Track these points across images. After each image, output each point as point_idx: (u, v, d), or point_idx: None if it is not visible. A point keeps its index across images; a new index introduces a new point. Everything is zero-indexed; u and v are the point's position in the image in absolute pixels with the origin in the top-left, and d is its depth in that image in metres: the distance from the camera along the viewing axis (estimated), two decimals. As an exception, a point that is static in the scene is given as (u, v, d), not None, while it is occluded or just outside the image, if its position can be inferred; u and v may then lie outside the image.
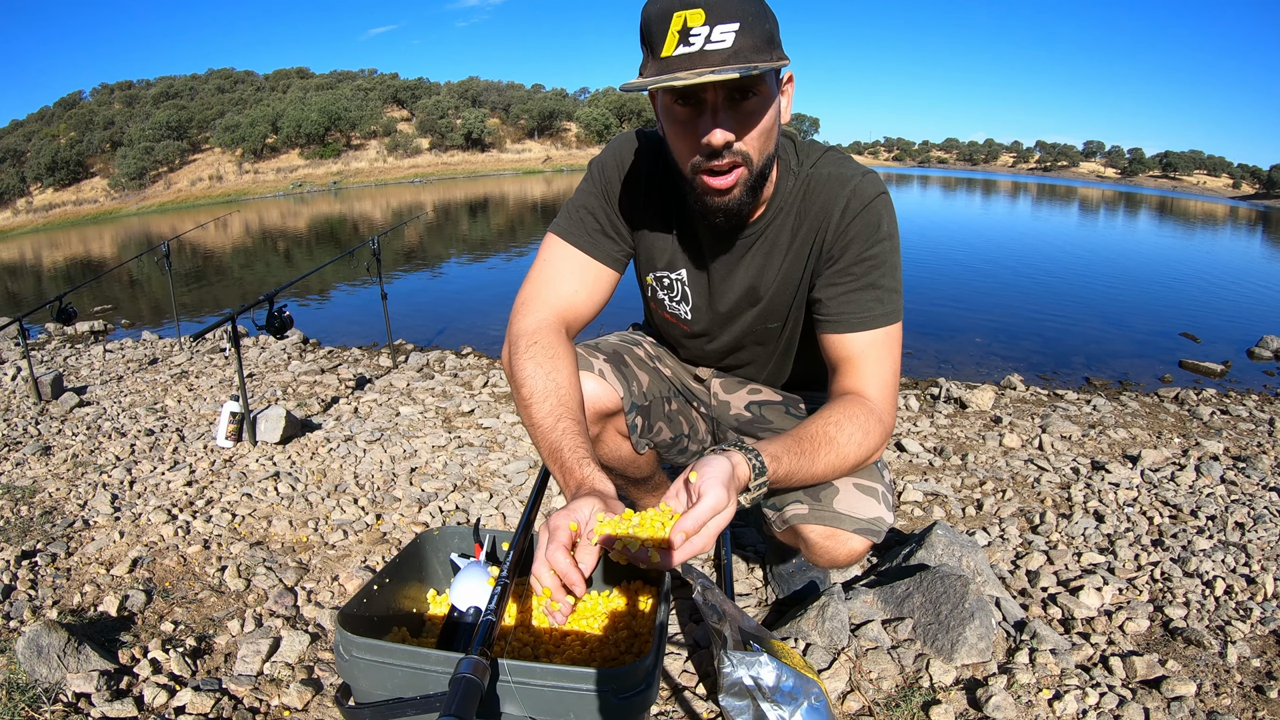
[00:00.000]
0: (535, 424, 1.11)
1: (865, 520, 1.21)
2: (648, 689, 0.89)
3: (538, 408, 1.11)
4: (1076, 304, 7.67)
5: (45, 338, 5.97)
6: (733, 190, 1.07)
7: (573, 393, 1.14)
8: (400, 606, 1.19)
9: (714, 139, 1.01)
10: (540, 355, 1.15)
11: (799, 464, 1.01)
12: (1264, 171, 66.85)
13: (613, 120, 62.29)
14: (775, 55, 0.98)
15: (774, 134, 1.08)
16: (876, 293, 1.14)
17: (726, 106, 1.01)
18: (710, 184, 1.07)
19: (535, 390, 1.12)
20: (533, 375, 1.13)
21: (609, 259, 1.29)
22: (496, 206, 25.12)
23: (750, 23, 0.94)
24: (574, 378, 1.16)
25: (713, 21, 0.93)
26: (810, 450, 1.03)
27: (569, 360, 1.17)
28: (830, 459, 1.05)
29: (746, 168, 1.06)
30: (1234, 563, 1.87)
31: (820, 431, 1.05)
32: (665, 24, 0.94)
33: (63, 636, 1.39)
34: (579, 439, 1.07)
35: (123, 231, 25.75)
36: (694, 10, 0.93)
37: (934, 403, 3.60)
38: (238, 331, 2.83)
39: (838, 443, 1.05)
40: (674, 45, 0.94)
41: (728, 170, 1.05)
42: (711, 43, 0.93)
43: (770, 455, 0.97)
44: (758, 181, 1.09)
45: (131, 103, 60.16)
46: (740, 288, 1.29)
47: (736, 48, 0.94)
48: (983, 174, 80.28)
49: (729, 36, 0.93)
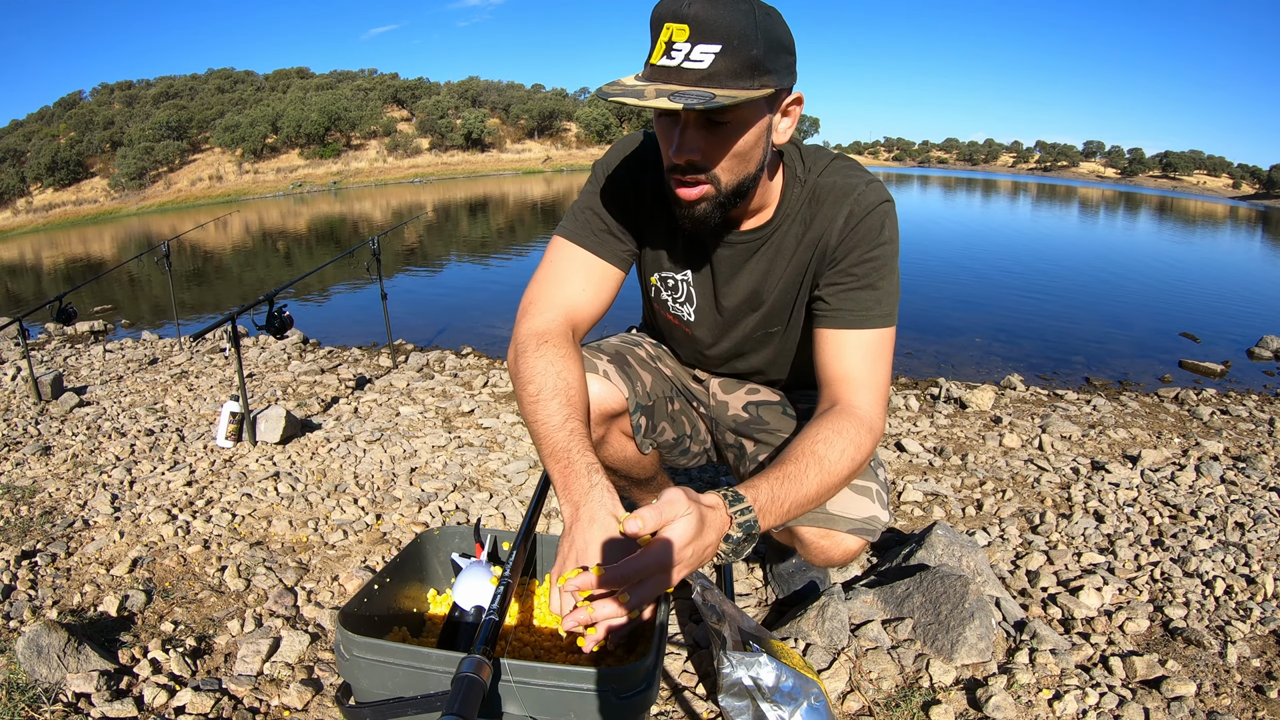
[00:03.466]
0: (540, 421, 1.08)
1: (859, 520, 1.21)
2: (648, 689, 0.89)
3: (545, 405, 1.08)
4: (1076, 304, 7.67)
5: (45, 338, 5.97)
6: (699, 204, 1.08)
7: (581, 394, 1.12)
8: (400, 606, 1.19)
9: (676, 158, 1.03)
10: (550, 354, 1.14)
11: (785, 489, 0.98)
12: (1264, 171, 66.88)
13: (612, 120, 62.26)
14: (759, 82, 0.97)
15: (753, 156, 1.07)
16: (875, 293, 1.15)
17: (698, 126, 1.01)
18: (678, 193, 1.08)
19: (544, 387, 1.10)
20: (542, 372, 1.12)
21: (614, 258, 1.29)
22: (496, 206, 25.12)
23: (735, 46, 0.93)
24: (583, 380, 1.15)
25: (695, 40, 0.93)
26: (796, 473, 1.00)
27: (577, 362, 1.17)
28: (820, 478, 1.02)
29: (713, 186, 1.06)
30: (1234, 563, 1.87)
31: (806, 452, 1.02)
32: (658, 31, 0.95)
33: (63, 636, 1.39)
34: (587, 443, 1.05)
35: (123, 231, 25.76)
36: (680, 25, 0.93)
37: (934, 403, 3.60)
38: (238, 331, 2.83)
39: (827, 460, 1.03)
40: (659, 55, 0.96)
41: (693, 185, 1.06)
42: (690, 61, 0.93)
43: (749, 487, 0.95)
44: (729, 200, 1.09)
45: (131, 103, 60.18)
46: (744, 291, 1.29)
47: (712, 70, 0.93)
48: (983, 174, 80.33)
49: (707, 58, 0.93)
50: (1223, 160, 78.97)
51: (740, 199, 1.11)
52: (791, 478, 0.99)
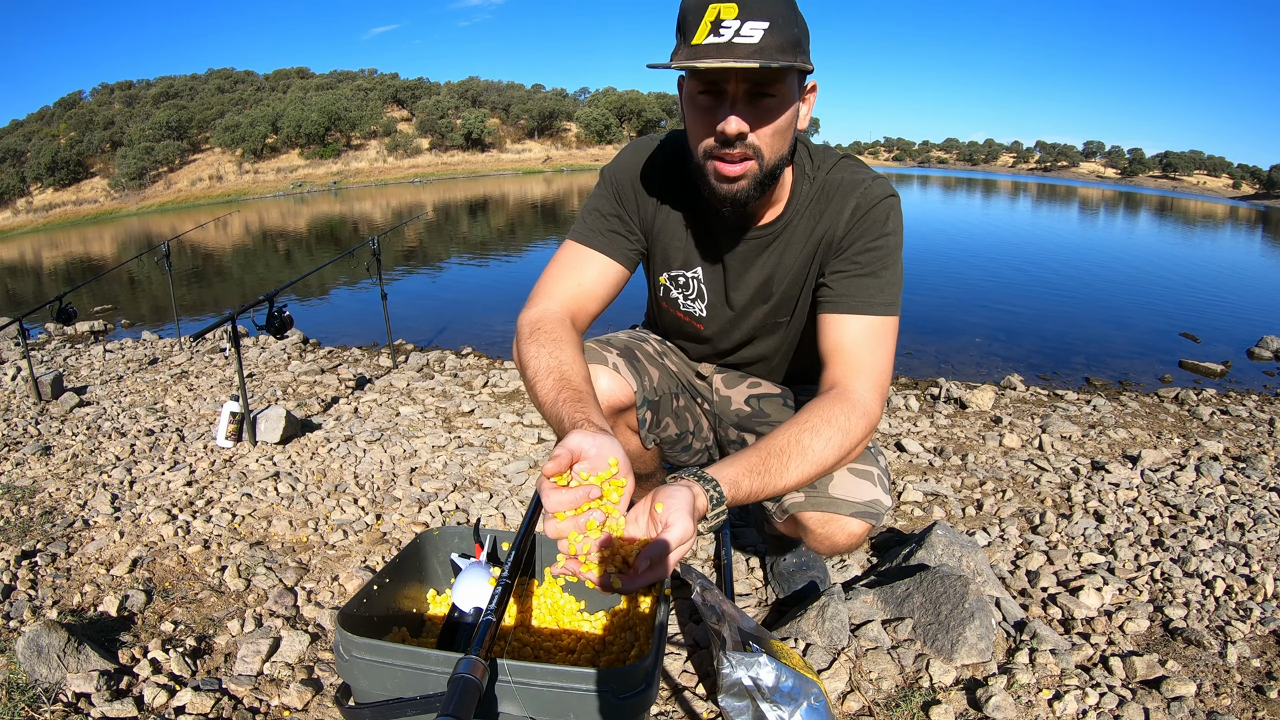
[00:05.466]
0: (540, 401, 1.13)
1: (861, 503, 1.23)
2: (647, 689, 0.89)
3: (541, 384, 1.13)
4: (1076, 304, 7.67)
5: (45, 338, 5.97)
6: (740, 180, 1.10)
7: (575, 369, 1.15)
8: (400, 606, 1.19)
9: (729, 127, 1.05)
10: (543, 339, 1.18)
11: (763, 482, 1.02)
12: (1264, 171, 66.86)
13: (613, 120, 62.30)
14: (800, 58, 1.02)
15: (789, 135, 1.11)
16: (878, 281, 1.18)
17: (746, 100, 1.04)
18: (721, 169, 1.10)
19: (539, 369, 1.14)
20: (536, 356, 1.16)
21: (619, 255, 1.32)
22: (496, 206, 25.12)
23: (780, 24, 0.99)
24: (578, 357, 1.18)
25: (744, 17, 0.97)
26: (778, 466, 1.03)
27: (572, 343, 1.20)
28: (804, 468, 1.05)
29: (757, 162, 1.09)
30: (1234, 563, 1.87)
31: (792, 440, 1.05)
32: (700, 14, 0.99)
33: (63, 636, 1.39)
34: (575, 406, 1.06)
35: (123, 231, 25.75)
36: (729, 4, 0.98)
37: (934, 403, 3.60)
38: (238, 331, 2.83)
39: (812, 450, 1.05)
40: (705, 34, 0.99)
41: (738, 160, 1.09)
42: (741, 36, 0.98)
43: (729, 482, 0.98)
44: (766, 179, 1.12)
45: (131, 103, 60.16)
46: (754, 285, 1.32)
47: (763, 44, 0.98)
48: (983, 174, 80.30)
49: (757, 33, 0.97)
50: (1223, 160, 78.91)
51: (772, 182, 1.14)
52: (772, 471, 1.03)
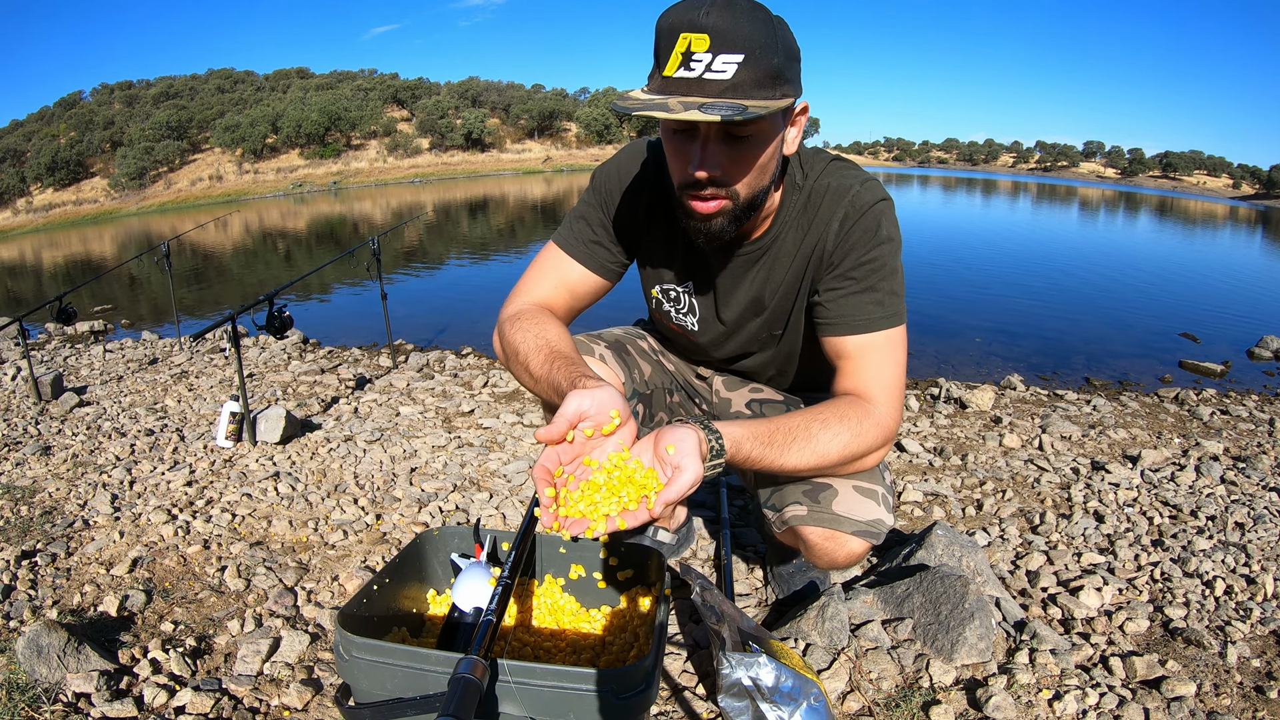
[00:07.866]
0: (534, 377, 1.12)
1: (864, 522, 1.21)
2: (647, 689, 0.89)
3: (532, 360, 1.12)
4: (1076, 304, 7.67)
5: (45, 338, 5.97)
6: (714, 218, 1.07)
7: (563, 343, 1.14)
8: (400, 606, 1.19)
9: (697, 175, 1.01)
10: (526, 323, 1.18)
11: (763, 452, 1.01)
12: (1264, 171, 66.86)
13: (612, 120, 62.27)
14: (780, 92, 0.95)
15: (770, 168, 1.07)
16: (876, 295, 1.14)
17: (719, 139, 1.00)
18: (694, 207, 1.07)
19: (529, 349, 1.13)
20: (522, 339, 1.16)
21: (600, 267, 1.31)
22: (496, 207, 25.11)
23: (757, 54, 0.91)
24: (564, 333, 1.18)
25: (716, 50, 0.90)
26: (782, 441, 1.02)
27: (556, 323, 1.20)
28: (805, 455, 1.03)
29: (731, 200, 1.06)
30: (1234, 563, 1.87)
31: (801, 426, 1.04)
32: (672, 42, 0.92)
33: (63, 636, 1.39)
34: (571, 367, 1.05)
35: (123, 231, 25.75)
36: (700, 35, 0.90)
37: (934, 403, 3.60)
38: (238, 331, 2.83)
39: (818, 440, 1.04)
40: (676, 66, 0.92)
41: (710, 199, 1.05)
42: (712, 71, 0.91)
43: (731, 440, 0.97)
44: (744, 213, 1.09)
45: (131, 103, 60.17)
46: (745, 299, 1.30)
47: (736, 81, 0.91)
48: (983, 174, 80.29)
49: (730, 68, 0.91)
50: (1223, 160, 78.93)
51: (753, 212, 1.10)
52: (775, 444, 1.02)
